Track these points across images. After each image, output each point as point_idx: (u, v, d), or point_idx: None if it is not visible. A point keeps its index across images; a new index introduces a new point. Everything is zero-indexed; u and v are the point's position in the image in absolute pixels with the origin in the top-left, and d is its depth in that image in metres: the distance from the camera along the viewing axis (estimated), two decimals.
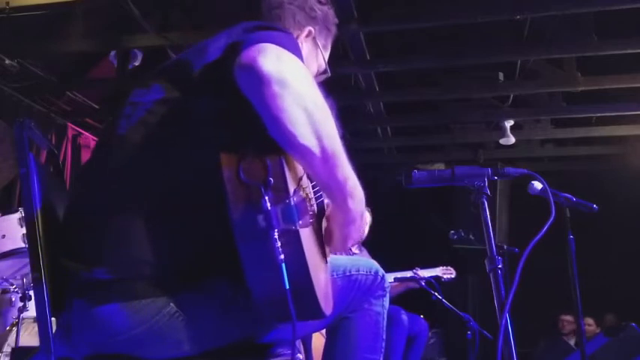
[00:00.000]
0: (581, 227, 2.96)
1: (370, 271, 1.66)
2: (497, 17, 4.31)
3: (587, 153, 7.07)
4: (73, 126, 5.93)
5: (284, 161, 1.16)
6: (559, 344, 5.69)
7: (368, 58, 4.76)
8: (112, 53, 5.02)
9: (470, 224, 4.42)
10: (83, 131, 6.04)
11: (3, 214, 3.14)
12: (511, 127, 6.01)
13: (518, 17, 4.27)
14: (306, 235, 1.21)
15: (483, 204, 1.63)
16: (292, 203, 1.13)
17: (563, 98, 5.73)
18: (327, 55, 1.67)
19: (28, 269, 3.13)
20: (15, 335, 2.99)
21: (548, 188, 1.74)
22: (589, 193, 2.79)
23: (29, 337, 3.00)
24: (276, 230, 1.11)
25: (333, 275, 1.56)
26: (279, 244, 1.11)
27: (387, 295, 1.72)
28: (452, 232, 4.57)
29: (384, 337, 1.70)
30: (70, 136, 5.87)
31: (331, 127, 1.22)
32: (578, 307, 2.70)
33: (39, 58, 5.07)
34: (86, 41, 4.67)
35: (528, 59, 5.05)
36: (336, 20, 1.68)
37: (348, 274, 1.61)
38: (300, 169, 1.30)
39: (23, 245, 3.00)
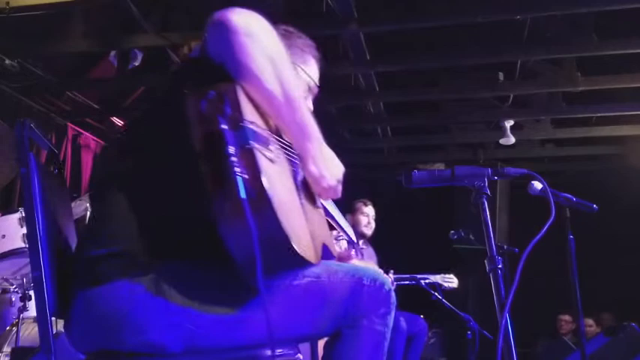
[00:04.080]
0: (581, 227, 2.96)
1: (375, 282, 1.44)
2: (497, 17, 4.31)
3: (587, 153, 7.08)
4: (73, 126, 5.94)
5: (240, 92, 1.22)
6: (559, 344, 5.68)
7: (368, 58, 4.76)
8: (112, 53, 5.02)
9: (470, 224, 4.42)
10: (83, 131, 6.05)
11: (3, 214, 3.14)
12: (511, 127, 6.01)
13: (518, 17, 4.28)
14: (275, 178, 1.21)
15: (483, 204, 1.63)
16: (246, 126, 1.18)
17: (563, 98, 5.73)
18: (312, 70, 1.64)
19: (28, 269, 3.13)
20: (15, 335, 2.98)
21: (548, 188, 1.74)
22: (589, 193, 2.79)
23: (29, 337, 3.00)
24: (230, 147, 1.14)
25: (334, 268, 1.47)
26: (234, 159, 1.13)
27: (392, 312, 1.48)
28: (452, 232, 4.57)
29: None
30: (70, 136, 5.87)
31: (293, 76, 1.33)
32: (578, 307, 2.70)
33: (39, 58, 5.07)
34: (86, 41, 4.68)
35: (528, 59, 5.05)
36: (311, 45, 1.66)
37: (352, 274, 1.46)
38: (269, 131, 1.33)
39: (23, 245, 2.99)
